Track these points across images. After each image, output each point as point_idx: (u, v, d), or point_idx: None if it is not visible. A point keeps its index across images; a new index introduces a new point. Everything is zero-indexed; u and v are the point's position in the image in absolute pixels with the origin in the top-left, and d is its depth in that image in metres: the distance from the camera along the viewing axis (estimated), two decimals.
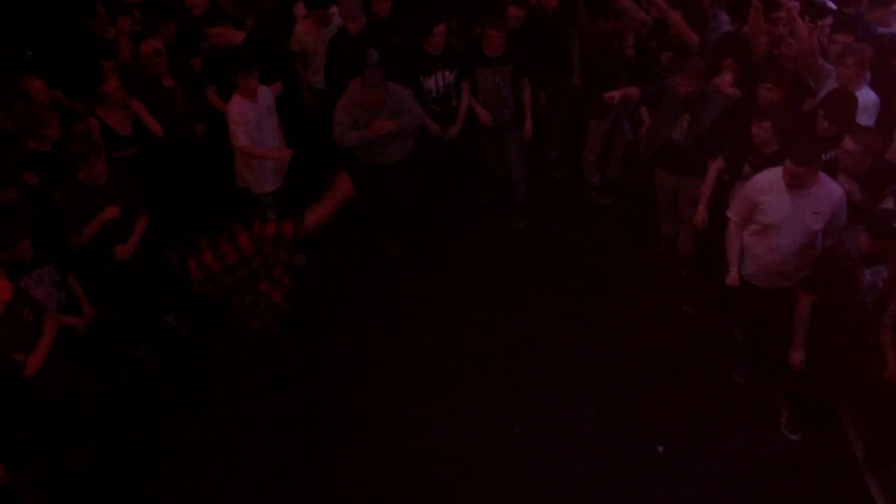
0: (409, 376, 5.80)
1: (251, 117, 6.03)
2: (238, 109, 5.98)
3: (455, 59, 6.46)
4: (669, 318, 6.19)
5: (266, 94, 6.19)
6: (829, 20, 6.03)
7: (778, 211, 4.80)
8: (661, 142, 5.90)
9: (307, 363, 5.91)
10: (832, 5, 6.37)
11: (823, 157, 4.86)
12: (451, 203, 7.38)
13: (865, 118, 5.27)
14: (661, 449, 5.21)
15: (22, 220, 5.02)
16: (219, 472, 5.20)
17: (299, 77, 7.05)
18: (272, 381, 5.51)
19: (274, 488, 5.09)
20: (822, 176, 4.77)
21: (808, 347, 4.88)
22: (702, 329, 6.04)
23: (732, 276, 5.19)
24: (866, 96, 5.32)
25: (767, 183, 4.86)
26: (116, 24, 6.49)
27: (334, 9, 6.82)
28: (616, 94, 5.84)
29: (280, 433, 5.42)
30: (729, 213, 5.14)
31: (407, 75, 6.36)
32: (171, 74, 6.25)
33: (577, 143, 7.40)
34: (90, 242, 5.29)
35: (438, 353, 5.98)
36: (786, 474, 5.03)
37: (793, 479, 5.01)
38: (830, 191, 4.78)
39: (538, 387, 5.67)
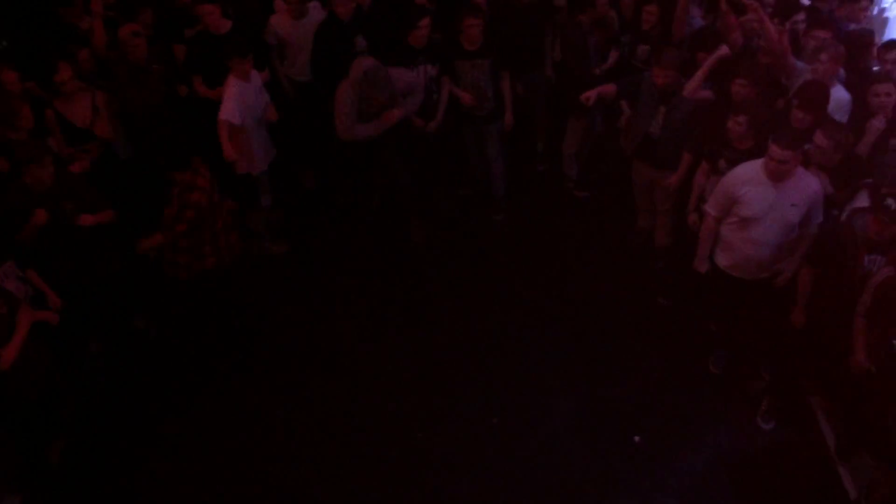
0: (387, 368, 5.81)
1: (245, 97, 6.05)
2: (235, 89, 5.99)
3: (437, 53, 6.46)
4: (646, 310, 6.24)
5: (256, 76, 6.22)
6: (801, 16, 6.09)
7: (757, 203, 4.86)
8: (640, 135, 5.95)
9: (285, 355, 5.93)
10: (805, 1, 6.43)
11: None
12: (432, 196, 7.39)
13: (839, 117, 5.33)
14: (637, 439, 5.26)
15: None
16: (197, 465, 5.17)
17: (276, 70, 7.01)
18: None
19: (249, 481, 5.07)
20: (800, 168, 4.84)
21: (788, 335, 4.98)
22: (678, 321, 6.10)
23: (702, 266, 5.27)
24: (839, 95, 5.39)
25: (747, 176, 4.91)
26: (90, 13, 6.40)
27: (314, 3, 6.79)
28: (592, 95, 5.88)
29: (257, 426, 5.41)
30: (707, 208, 5.18)
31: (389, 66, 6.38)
32: (156, 60, 6.21)
33: (558, 136, 7.45)
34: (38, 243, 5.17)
35: (416, 344, 5.99)
36: (759, 463, 5.10)
37: (766, 467, 5.08)
38: (808, 183, 4.85)
39: (516, 378, 5.69)
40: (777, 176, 4.76)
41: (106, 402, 5.60)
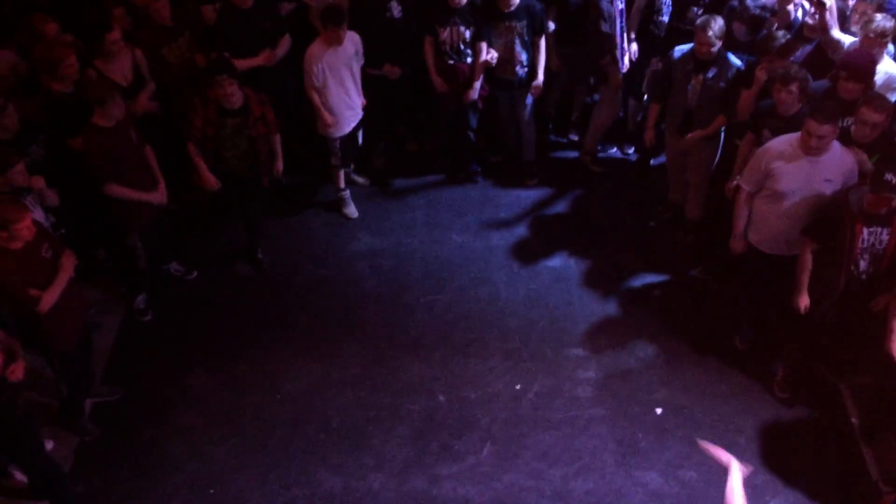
0: (411, 331, 5.86)
1: (331, 63, 6.15)
2: (317, 53, 6.13)
3: (473, 16, 6.42)
4: (675, 282, 6.20)
5: (349, 43, 6.22)
6: None
7: (790, 178, 4.80)
8: (681, 112, 5.91)
9: (312, 316, 6.02)
10: None
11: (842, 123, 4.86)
12: (464, 162, 7.37)
13: (890, 94, 5.19)
14: (659, 411, 5.26)
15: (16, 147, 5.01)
16: (224, 419, 5.29)
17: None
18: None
19: (274, 434, 5.18)
20: (836, 143, 4.77)
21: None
22: (706, 295, 6.06)
23: (738, 244, 5.22)
24: (890, 70, 5.26)
25: (780, 149, 4.84)
26: None
27: None
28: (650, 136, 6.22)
29: (284, 382, 5.50)
30: (740, 181, 5.12)
31: (424, 23, 6.50)
32: (184, 22, 6.24)
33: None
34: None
35: (440, 308, 6.03)
36: (782, 440, 5.08)
37: (789, 444, 5.06)
38: (843, 158, 4.78)
39: (541, 346, 5.72)
40: (814, 151, 4.69)
41: (137, 352, 5.74)
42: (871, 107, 4.77)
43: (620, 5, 6.40)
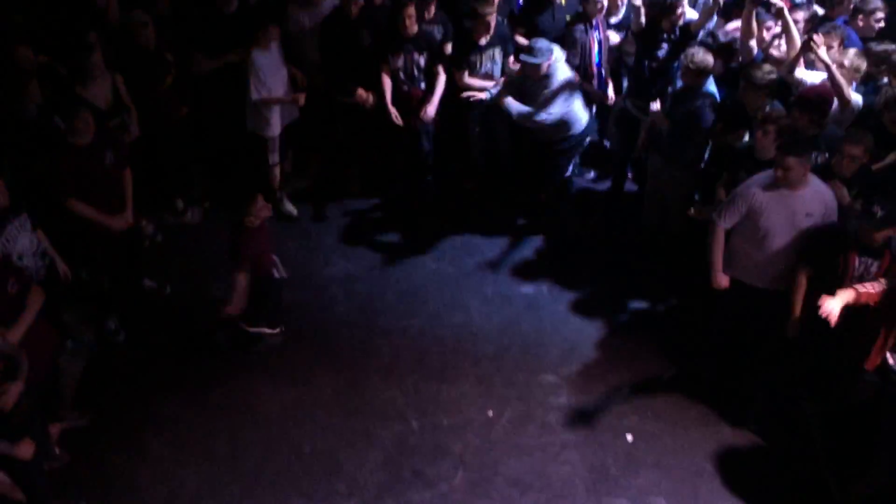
0: (388, 354, 5.87)
1: (268, 66, 6.38)
2: (259, 61, 6.34)
3: (426, 43, 6.56)
4: (647, 310, 6.28)
5: (275, 47, 6.46)
6: (802, 15, 6.12)
7: (774, 215, 4.86)
8: (656, 135, 6.07)
9: (283, 339, 6.00)
10: (819, 10, 6.43)
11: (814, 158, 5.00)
12: (437, 189, 7.41)
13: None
14: (630, 438, 5.31)
15: None
16: (195, 446, 5.23)
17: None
18: None
19: (245, 461, 5.13)
20: (812, 177, 4.86)
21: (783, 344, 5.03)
22: (678, 322, 6.14)
23: (720, 280, 5.18)
24: (853, 101, 5.41)
25: (759, 191, 4.90)
26: None
27: None
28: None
29: (255, 407, 5.47)
30: (716, 218, 5.09)
31: (380, 51, 6.62)
32: (166, 46, 6.25)
33: None
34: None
35: (417, 333, 6.05)
36: (750, 466, 5.15)
37: (757, 472, 5.12)
38: (821, 192, 4.88)
39: (513, 372, 5.75)
40: (787, 184, 4.79)
41: (106, 379, 5.67)
42: (851, 140, 4.92)
43: (600, 36, 6.51)
